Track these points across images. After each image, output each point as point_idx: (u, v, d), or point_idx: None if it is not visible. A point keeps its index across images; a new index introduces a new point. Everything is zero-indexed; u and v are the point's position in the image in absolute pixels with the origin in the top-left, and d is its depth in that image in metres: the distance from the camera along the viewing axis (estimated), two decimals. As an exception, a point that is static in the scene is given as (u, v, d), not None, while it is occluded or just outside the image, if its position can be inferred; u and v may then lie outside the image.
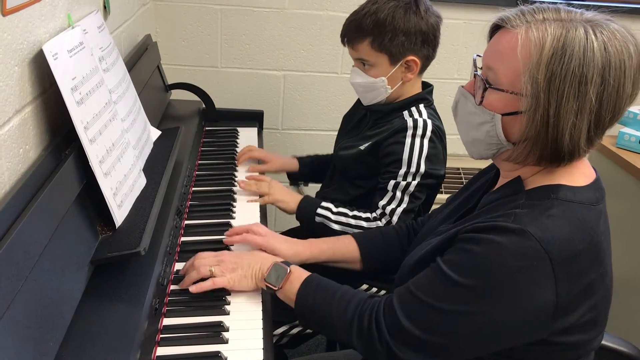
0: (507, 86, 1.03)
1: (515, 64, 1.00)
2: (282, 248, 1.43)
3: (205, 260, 1.28)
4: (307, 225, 1.75)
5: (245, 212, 1.64)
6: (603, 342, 1.24)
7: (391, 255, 1.51)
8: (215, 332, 1.15)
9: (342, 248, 1.50)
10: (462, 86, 1.14)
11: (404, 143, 1.65)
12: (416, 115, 1.68)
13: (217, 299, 1.25)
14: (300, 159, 2.05)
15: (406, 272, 1.19)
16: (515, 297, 0.98)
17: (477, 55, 1.12)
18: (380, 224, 1.65)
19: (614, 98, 0.99)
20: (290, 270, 1.24)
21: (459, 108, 1.15)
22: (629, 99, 1.01)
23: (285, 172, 2.05)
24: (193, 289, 1.23)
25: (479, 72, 1.09)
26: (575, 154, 1.03)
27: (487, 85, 1.05)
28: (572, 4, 1.09)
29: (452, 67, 2.68)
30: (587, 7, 1.06)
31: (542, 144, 1.01)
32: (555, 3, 1.06)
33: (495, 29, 1.08)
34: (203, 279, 1.25)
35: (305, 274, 1.24)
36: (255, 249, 1.42)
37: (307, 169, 2.04)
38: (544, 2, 1.10)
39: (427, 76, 1.79)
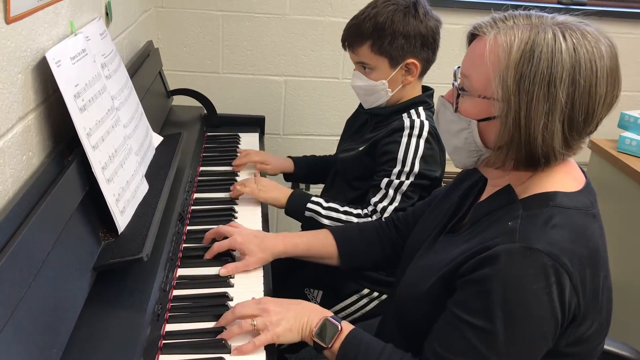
0: (480, 92, 1.03)
1: (485, 69, 1.01)
2: (251, 246, 1.39)
3: (246, 309, 1.17)
4: (297, 219, 1.74)
5: (247, 217, 1.64)
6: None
7: (370, 254, 1.49)
8: (218, 339, 1.15)
9: (317, 242, 1.48)
10: (442, 96, 1.14)
11: (399, 142, 1.66)
12: (414, 116, 1.69)
13: (219, 305, 1.25)
14: (295, 160, 2.06)
15: (410, 299, 1.15)
16: (549, 317, 0.96)
17: (458, 67, 1.13)
18: (370, 220, 1.65)
19: (586, 99, 0.98)
20: (341, 328, 1.13)
21: (440, 117, 1.15)
22: (602, 99, 1.00)
23: (282, 173, 2.06)
24: (236, 353, 1.12)
25: (457, 82, 1.10)
26: (550, 157, 1.02)
27: (460, 92, 1.06)
28: (571, 9, 1.09)
29: (451, 72, 2.67)
30: (581, 13, 1.06)
31: (516, 147, 1.01)
32: (529, 9, 1.07)
33: (472, 37, 1.09)
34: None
35: (350, 328, 1.15)
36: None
37: (302, 169, 2.05)
38: (519, 6, 1.10)
39: (426, 81, 1.80)
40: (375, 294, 1.75)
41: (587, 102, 0.99)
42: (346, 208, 1.68)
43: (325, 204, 1.69)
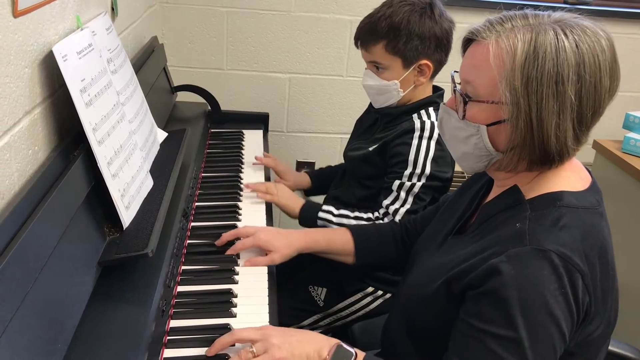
0: (487, 97, 1.03)
1: (491, 74, 1.00)
2: (275, 243, 1.41)
3: (246, 333, 1.10)
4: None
5: (251, 214, 1.64)
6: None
7: (384, 253, 1.50)
8: (222, 334, 1.14)
9: (337, 239, 1.50)
10: (444, 103, 1.13)
11: (410, 144, 1.66)
12: (424, 117, 1.69)
13: (224, 302, 1.25)
14: (311, 174, 2.07)
15: (417, 301, 1.15)
16: (566, 316, 0.96)
17: (455, 72, 1.12)
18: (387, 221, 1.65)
19: (593, 94, 0.99)
20: (356, 354, 1.08)
21: (444, 125, 1.14)
22: (607, 92, 1.01)
23: (299, 189, 2.06)
24: None
25: (458, 87, 1.09)
26: (564, 153, 1.02)
27: (467, 99, 1.05)
28: (577, 8, 1.08)
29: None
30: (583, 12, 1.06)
31: (529, 148, 1.01)
32: (523, 8, 1.06)
33: (468, 42, 1.08)
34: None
35: (362, 354, 1.10)
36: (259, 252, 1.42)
37: (318, 182, 2.06)
38: (524, 6, 1.09)
39: (438, 80, 1.79)
40: (380, 292, 1.75)
41: (594, 97, 0.99)
42: (357, 213, 1.68)
43: (336, 212, 1.69)
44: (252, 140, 2.15)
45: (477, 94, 1.04)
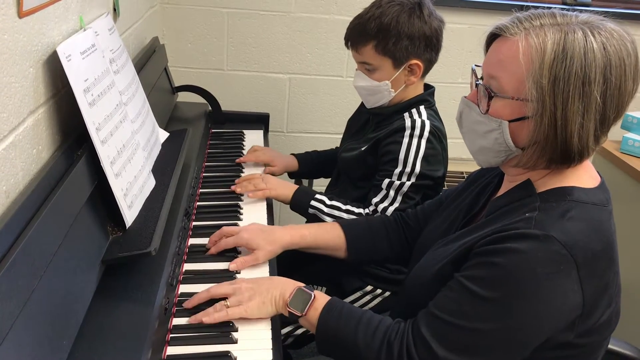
0: (512, 93, 1.04)
1: (518, 70, 1.01)
2: (258, 241, 1.40)
3: (220, 288, 1.21)
4: (301, 215, 1.76)
5: (252, 212, 1.65)
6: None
7: (377, 248, 1.51)
8: (225, 332, 1.16)
9: (325, 234, 1.49)
10: (465, 97, 1.14)
11: (401, 142, 1.66)
12: (415, 116, 1.70)
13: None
14: (298, 157, 2.08)
15: (419, 285, 1.18)
16: (547, 303, 0.98)
17: (476, 65, 1.13)
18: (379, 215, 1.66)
19: (617, 96, 1.01)
20: (314, 296, 1.18)
21: (464, 118, 1.15)
22: (630, 95, 1.03)
23: (287, 171, 2.07)
24: (206, 319, 1.17)
25: (480, 81, 1.10)
26: (584, 153, 1.04)
27: (492, 94, 1.06)
28: (575, 9, 1.10)
29: (456, 72, 2.69)
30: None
31: (551, 146, 1.02)
32: (550, 8, 1.08)
33: (492, 38, 1.09)
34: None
35: (326, 298, 1.19)
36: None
37: (306, 167, 2.07)
38: (538, 7, 1.11)
39: (431, 80, 1.81)
40: (379, 291, 1.76)
41: (618, 99, 1.01)
42: (348, 207, 1.69)
43: (328, 202, 1.70)
44: (252, 140, 2.16)
45: (502, 90, 1.05)
